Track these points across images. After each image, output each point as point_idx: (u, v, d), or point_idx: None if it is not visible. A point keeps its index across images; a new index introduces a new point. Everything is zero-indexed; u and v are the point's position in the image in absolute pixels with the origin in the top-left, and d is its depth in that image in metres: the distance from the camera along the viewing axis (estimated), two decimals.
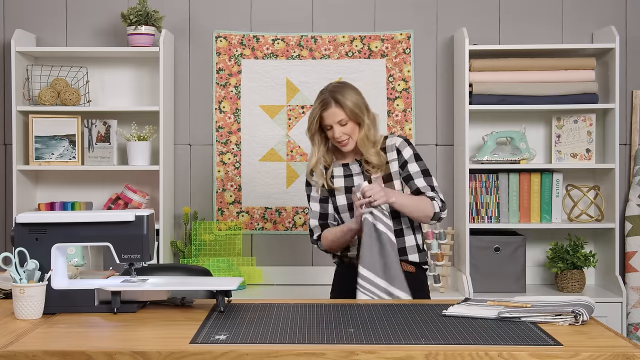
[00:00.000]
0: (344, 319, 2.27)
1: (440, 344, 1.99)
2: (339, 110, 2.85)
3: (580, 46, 3.96)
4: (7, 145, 4.13)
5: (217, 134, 4.18)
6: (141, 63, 4.14)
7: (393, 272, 2.73)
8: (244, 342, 2.00)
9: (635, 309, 3.91)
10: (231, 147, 4.18)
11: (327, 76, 4.09)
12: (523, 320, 2.22)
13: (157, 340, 2.08)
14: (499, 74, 3.93)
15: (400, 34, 4.14)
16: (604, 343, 2.02)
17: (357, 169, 2.96)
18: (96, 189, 4.16)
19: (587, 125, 4.01)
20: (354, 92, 2.92)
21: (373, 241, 2.75)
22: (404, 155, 2.93)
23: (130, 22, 3.91)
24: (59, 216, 2.41)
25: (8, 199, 4.08)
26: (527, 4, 4.16)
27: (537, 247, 4.17)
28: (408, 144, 2.96)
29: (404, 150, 2.94)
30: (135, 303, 2.38)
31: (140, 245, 2.38)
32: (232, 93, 4.15)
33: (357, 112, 2.87)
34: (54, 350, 1.94)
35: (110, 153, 4.04)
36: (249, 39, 4.14)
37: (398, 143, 2.95)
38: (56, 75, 4.05)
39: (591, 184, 4.11)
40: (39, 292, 2.28)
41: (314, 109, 2.91)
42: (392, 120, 4.13)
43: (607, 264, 4.00)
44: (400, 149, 2.94)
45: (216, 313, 2.34)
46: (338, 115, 2.85)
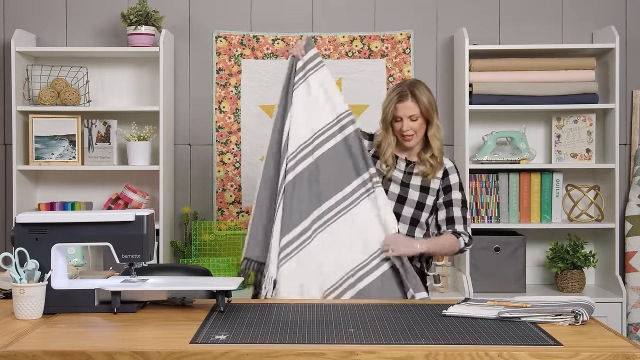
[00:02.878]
0: (344, 319, 2.27)
1: (440, 344, 1.99)
2: (413, 105, 2.94)
3: (580, 46, 3.96)
4: (7, 145, 4.13)
5: (217, 134, 4.18)
6: (141, 63, 4.14)
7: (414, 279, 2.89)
8: (244, 342, 2.00)
9: (635, 309, 3.91)
10: (231, 147, 4.18)
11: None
12: (523, 320, 2.23)
13: (157, 340, 2.08)
14: (499, 74, 3.93)
15: (400, 34, 4.14)
16: (604, 343, 2.02)
17: (403, 166, 3.03)
18: (96, 189, 4.16)
19: (587, 125, 4.01)
20: (429, 91, 3.01)
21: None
22: (451, 180, 3.02)
23: (130, 22, 3.91)
24: (59, 216, 2.41)
25: (8, 199, 4.08)
26: (527, 4, 4.16)
27: (537, 247, 4.17)
28: (457, 171, 3.06)
29: (452, 176, 3.03)
30: (135, 303, 2.38)
31: (140, 245, 2.38)
32: (232, 93, 4.15)
33: (430, 110, 2.96)
34: (54, 350, 1.94)
35: (110, 153, 4.04)
36: (249, 39, 4.14)
37: (448, 166, 3.05)
38: (56, 75, 4.05)
39: (591, 184, 4.11)
40: (39, 292, 2.28)
41: (390, 99, 2.99)
42: None
43: (607, 264, 4.00)
44: (449, 172, 3.04)
45: (216, 313, 2.34)
46: (412, 109, 2.94)
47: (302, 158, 2.98)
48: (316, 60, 3.04)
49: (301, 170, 2.97)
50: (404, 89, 2.96)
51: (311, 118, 3.02)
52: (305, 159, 2.98)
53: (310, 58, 3.04)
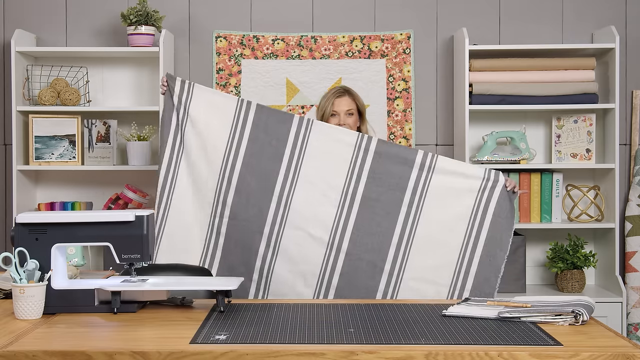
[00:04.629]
0: (344, 319, 2.27)
1: (440, 344, 1.99)
2: (350, 100, 3.40)
3: (580, 46, 3.96)
4: (7, 145, 4.13)
5: None
6: (141, 63, 4.14)
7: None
8: (244, 342, 2.00)
9: (635, 309, 3.91)
10: None
11: (327, 76, 4.09)
12: (523, 320, 2.23)
13: (157, 340, 2.08)
14: (499, 74, 3.93)
15: (400, 34, 4.14)
16: (604, 343, 2.02)
17: None
18: (96, 189, 4.16)
19: (587, 125, 4.01)
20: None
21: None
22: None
23: (130, 22, 3.91)
24: (59, 216, 2.41)
25: (8, 199, 4.08)
26: (527, 4, 4.16)
27: (537, 247, 4.17)
28: None
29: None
30: (135, 303, 2.38)
31: (140, 245, 2.38)
32: (232, 93, 4.15)
33: (363, 107, 3.46)
34: (54, 350, 1.94)
35: (110, 153, 4.04)
36: (249, 39, 4.14)
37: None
38: (56, 75, 4.05)
39: (591, 184, 4.11)
40: (39, 292, 2.28)
41: (328, 98, 3.38)
42: (392, 120, 4.13)
43: (607, 264, 4.00)
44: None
45: (216, 313, 2.34)
46: (349, 104, 3.38)
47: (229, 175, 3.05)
48: (185, 86, 3.10)
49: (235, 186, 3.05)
50: (340, 89, 3.42)
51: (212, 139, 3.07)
52: (233, 171, 3.05)
53: (180, 90, 3.10)
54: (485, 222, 2.97)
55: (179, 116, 3.09)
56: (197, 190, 3.08)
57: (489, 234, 2.97)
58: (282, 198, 3.02)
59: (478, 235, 2.97)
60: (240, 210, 3.03)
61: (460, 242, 2.97)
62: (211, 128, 3.07)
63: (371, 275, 2.97)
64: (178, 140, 3.10)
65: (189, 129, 3.08)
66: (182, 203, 3.08)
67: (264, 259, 3.02)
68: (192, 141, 3.08)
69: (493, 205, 2.97)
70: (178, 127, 3.10)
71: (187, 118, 3.08)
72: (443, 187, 2.98)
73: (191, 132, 3.08)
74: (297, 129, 3.04)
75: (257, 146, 3.04)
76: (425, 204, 2.98)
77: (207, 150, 3.06)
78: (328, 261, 2.99)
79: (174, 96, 3.10)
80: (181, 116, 3.09)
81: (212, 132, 3.07)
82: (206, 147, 3.07)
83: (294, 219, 3.01)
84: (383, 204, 2.98)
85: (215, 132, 3.07)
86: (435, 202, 2.98)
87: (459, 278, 2.97)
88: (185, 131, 3.08)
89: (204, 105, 3.09)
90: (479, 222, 2.97)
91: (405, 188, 2.98)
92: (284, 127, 3.04)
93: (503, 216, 2.97)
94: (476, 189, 2.98)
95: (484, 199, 2.98)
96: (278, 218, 3.01)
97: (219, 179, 3.05)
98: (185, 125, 3.08)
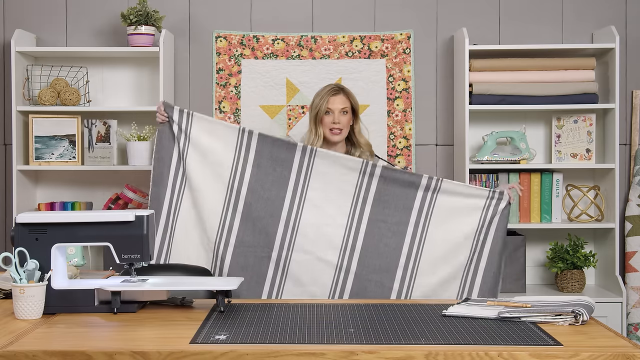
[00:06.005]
0: (344, 319, 2.27)
1: (440, 344, 1.99)
2: (345, 98, 3.38)
3: (580, 46, 3.95)
4: (7, 145, 4.13)
5: None
6: (141, 63, 4.14)
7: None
8: (244, 342, 2.00)
9: (635, 309, 3.91)
10: None
11: (327, 76, 4.09)
12: (523, 320, 2.23)
13: (157, 340, 2.08)
14: (499, 74, 3.93)
15: (400, 34, 4.14)
16: (604, 343, 2.02)
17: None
18: (96, 189, 4.16)
19: (587, 125, 4.01)
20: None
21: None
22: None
23: (130, 22, 3.91)
24: (59, 216, 2.41)
25: (8, 199, 4.08)
26: (527, 4, 4.16)
27: (537, 247, 4.17)
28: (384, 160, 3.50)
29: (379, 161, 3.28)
30: (135, 303, 2.38)
31: (140, 245, 2.38)
32: (232, 93, 4.15)
33: (357, 106, 3.43)
34: (54, 350, 1.94)
35: (110, 153, 4.04)
36: (249, 39, 4.14)
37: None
38: (56, 75, 4.05)
39: (591, 184, 4.11)
40: (39, 292, 2.28)
41: (322, 96, 3.35)
42: (392, 120, 4.13)
43: (607, 264, 4.00)
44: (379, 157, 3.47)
45: (216, 313, 2.34)
46: (343, 102, 3.36)
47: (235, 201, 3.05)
48: (184, 114, 3.10)
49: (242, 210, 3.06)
50: (335, 87, 3.40)
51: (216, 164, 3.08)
52: (238, 198, 3.05)
53: (179, 117, 3.10)
54: (488, 237, 3.04)
55: (180, 146, 3.08)
56: (201, 219, 3.07)
57: (492, 248, 3.04)
58: (289, 222, 3.02)
59: (482, 250, 3.04)
60: (246, 236, 3.04)
61: (466, 257, 3.04)
62: (215, 153, 3.07)
63: (380, 294, 3.00)
64: (180, 170, 3.09)
65: (191, 156, 3.07)
66: (187, 232, 3.08)
67: (272, 283, 3.02)
68: (195, 168, 3.07)
69: (496, 222, 3.04)
70: (180, 158, 3.09)
71: (188, 145, 3.07)
72: (448, 206, 3.03)
73: (194, 158, 3.07)
74: (301, 156, 3.05)
75: (261, 172, 3.05)
76: (431, 223, 3.03)
77: (212, 177, 3.07)
78: (337, 283, 3.00)
79: (174, 125, 3.09)
80: (182, 145, 3.08)
81: (216, 157, 3.07)
82: (210, 173, 3.07)
83: (302, 242, 3.02)
84: (390, 225, 3.01)
85: (219, 157, 3.07)
86: (441, 221, 3.03)
87: (465, 291, 3.04)
88: (188, 160, 3.07)
89: (205, 132, 3.09)
90: (483, 237, 3.04)
91: (411, 208, 3.02)
92: (289, 154, 3.05)
93: (502, 231, 3.06)
94: (481, 207, 3.04)
95: (488, 216, 3.04)
96: (286, 242, 3.02)
97: (224, 205, 3.05)
98: (186, 154, 3.07)
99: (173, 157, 3.09)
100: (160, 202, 3.08)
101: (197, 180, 3.06)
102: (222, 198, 3.05)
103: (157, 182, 3.10)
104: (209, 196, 3.06)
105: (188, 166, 3.06)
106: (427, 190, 3.02)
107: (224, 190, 3.05)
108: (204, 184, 3.06)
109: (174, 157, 3.09)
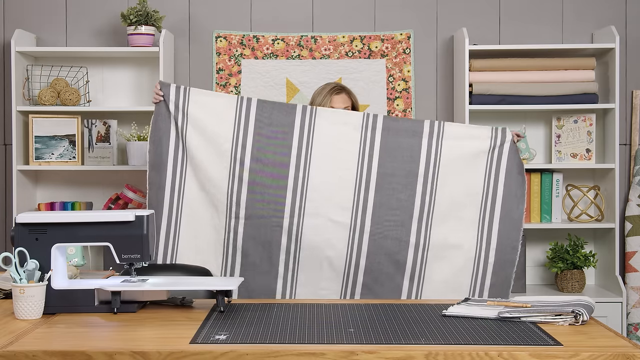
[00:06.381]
0: (344, 319, 2.27)
1: (440, 344, 1.99)
2: (347, 97, 3.40)
3: (580, 46, 3.96)
4: (7, 145, 4.13)
5: None
6: (141, 63, 4.14)
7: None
8: (244, 342, 2.00)
9: (635, 309, 3.91)
10: None
11: (327, 76, 4.09)
12: (523, 320, 2.23)
13: (157, 340, 2.08)
14: (499, 74, 3.93)
15: (400, 34, 4.14)
16: (604, 343, 2.02)
17: None
18: (96, 189, 4.16)
19: (587, 125, 4.01)
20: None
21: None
22: None
23: (130, 22, 3.91)
24: (59, 216, 2.41)
25: (8, 199, 4.08)
26: (527, 4, 4.16)
27: (537, 247, 4.17)
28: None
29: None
30: (135, 303, 2.38)
31: (140, 245, 2.38)
32: (232, 93, 4.15)
33: (358, 104, 3.47)
34: (54, 350, 1.94)
35: (110, 153, 4.04)
36: (249, 39, 4.14)
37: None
38: (56, 75, 4.05)
39: (591, 184, 4.11)
40: (39, 292, 2.28)
41: (325, 95, 3.35)
42: None
43: (607, 264, 4.00)
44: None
45: (216, 313, 2.34)
46: (346, 101, 3.38)
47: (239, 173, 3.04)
48: (181, 91, 3.09)
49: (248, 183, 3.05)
50: (336, 85, 3.42)
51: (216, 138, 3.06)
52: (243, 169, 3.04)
53: (175, 96, 3.09)
54: (500, 179, 3.04)
55: (178, 124, 3.07)
56: (207, 195, 3.06)
57: (505, 190, 3.03)
58: (296, 189, 3.01)
59: (495, 192, 3.03)
60: (255, 207, 3.02)
61: (479, 202, 3.02)
62: (214, 127, 3.06)
63: (397, 250, 2.99)
64: (180, 149, 3.07)
65: (190, 133, 3.06)
66: (195, 211, 3.07)
67: (288, 251, 3.02)
68: (196, 145, 3.05)
69: (505, 162, 3.05)
70: (179, 137, 3.07)
71: (186, 123, 3.06)
72: (455, 153, 3.03)
73: (194, 135, 3.06)
74: (301, 118, 3.04)
75: (263, 140, 3.04)
76: (440, 172, 3.02)
77: (214, 151, 3.05)
78: (353, 244, 2.99)
79: (170, 103, 3.08)
80: (180, 123, 3.06)
81: (215, 131, 3.06)
82: (212, 148, 3.05)
83: (312, 207, 3.01)
84: (399, 178, 3.01)
85: (219, 130, 3.06)
86: (449, 169, 3.02)
87: (483, 238, 3.02)
88: (187, 138, 3.06)
89: (203, 106, 3.08)
90: (494, 181, 3.03)
91: (418, 159, 3.02)
92: (289, 118, 3.05)
93: (516, 171, 3.05)
94: (486, 149, 3.04)
95: (495, 157, 3.05)
96: (296, 209, 3.01)
97: (229, 179, 3.04)
98: (185, 132, 3.06)
99: (171, 138, 3.07)
100: (162, 187, 3.06)
101: (199, 158, 3.05)
102: (226, 172, 3.04)
103: (155, 166, 3.08)
104: (214, 172, 3.04)
105: (188, 144, 3.05)
106: (431, 136, 3.02)
107: (228, 164, 3.04)
108: (207, 160, 3.05)
109: (172, 138, 3.07)
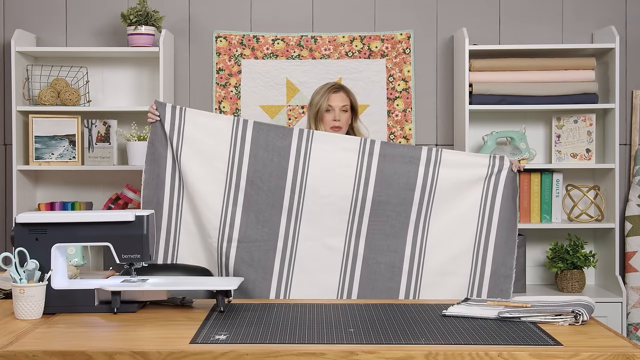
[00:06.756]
0: (344, 319, 2.27)
1: (440, 344, 1.99)
2: (345, 96, 3.39)
3: (580, 46, 3.96)
4: (7, 145, 4.13)
5: None
6: (141, 63, 4.14)
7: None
8: (244, 342, 2.00)
9: (635, 309, 3.91)
10: None
11: (327, 76, 4.09)
12: (523, 320, 2.23)
13: (157, 340, 2.08)
14: (499, 74, 3.93)
15: (400, 34, 4.14)
16: (604, 343, 2.02)
17: None
18: (96, 189, 4.16)
19: (587, 125, 4.01)
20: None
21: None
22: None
23: (130, 22, 3.91)
24: (59, 216, 2.41)
25: (8, 199, 4.08)
26: (527, 4, 4.16)
27: (537, 247, 4.17)
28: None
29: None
30: (135, 303, 2.38)
31: (140, 245, 2.38)
32: (232, 93, 4.15)
33: (357, 103, 3.45)
34: (54, 350, 1.94)
35: (110, 153, 4.04)
36: (249, 39, 4.14)
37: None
38: (56, 75, 4.05)
39: (591, 184, 4.11)
40: (39, 292, 2.28)
41: (322, 94, 3.34)
42: (392, 120, 4.13)
43: (607, 264, 4.00)
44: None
45: (216, 313, 2.34)
46: (344, 100, 3.37)
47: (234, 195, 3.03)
48: (177, 112, 3.06)
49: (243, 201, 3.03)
50: (335, 84, 3.41)
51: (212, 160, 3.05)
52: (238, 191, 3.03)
53: (171, 116, 3.06)
54: (495, 207, 3.01)
55: (174, 146, 3.04)
56: (201, 219, 3.04)
57: (500, 216, 3.01)
58: (291, 212, 3.01)
59: (490, 220, 3.01)
60: (249, 230, 3.01)
61: (474, 229, 3.00)
62: (210, 148, 3.04)
63: (390, 276, 2.98)
64: (177, 170, 3.06)
65: (186, 154, 3.02)
66: (189, 236, 3.07)
67: (281, 275, 3.00)
68: (190, 166, 3.03)
69: (501, 189, 3.02)
70: (175, 160, 3.05)
71: (182, 143, 3.02)
72: (451, 182, 3.01)
73: (189, 156, 3.03)
74: (297, 143, 3.03)
75: (259, 163, 3.02)
76: (435, 199, 3.00)
77: (209, 172, 3.04)
78: (346, 269, 2.99)
79: (166, 123, 3.04)
80: (175, 145, 3.03)
81: (211, 152, 3.04)
82: (207, 169, 3.04)
83: (307, 231, 3.00)
84: (394, 205, 3.00)
85: (214, 151, 3.04)
86: (445, 196, 3.01)
87: (478, 265, 3.00)
88: (182, 159, 3.03)
89: (199, 127, 3.05)
90: (489, 207, 3.01)
91: (414, 186, 3.00)
92: (285, 142, 3.03)
93: (512, 199, 3.04)
94: (483, 177, 3.02)
95: (491, 185, 3.02)
96: (290, 232, 3.00)
97: (223, 201, 3.03)
98: (180, 152, 3.02)
99: (167, 159, 3.06)
100: (160, 205, 3.05)
101: (193, 180, 3.03)
102: (221, 194, 3.03)
103: (151, 185, 3.06)
104: (208, 194, 3.03)
105: (183, 166, 3.03)
106: (428, 164, 3.00)
107: (223, 186, 3.03)
108: (201, 182, 3.03)
109: (169, 159, 3.06)
